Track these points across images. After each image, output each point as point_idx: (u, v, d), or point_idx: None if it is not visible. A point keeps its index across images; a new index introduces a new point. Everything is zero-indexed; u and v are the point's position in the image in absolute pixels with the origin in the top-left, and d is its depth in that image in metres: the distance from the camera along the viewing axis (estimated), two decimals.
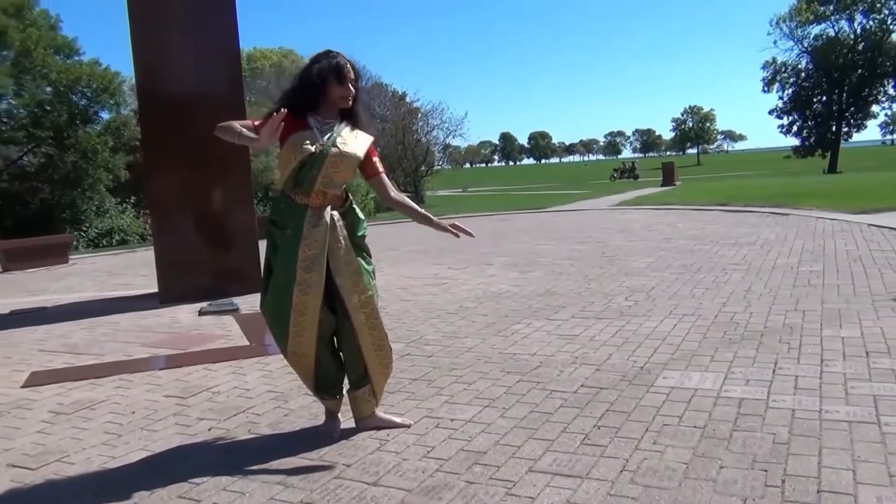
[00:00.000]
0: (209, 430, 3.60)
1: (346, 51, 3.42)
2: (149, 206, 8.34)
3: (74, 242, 20.56)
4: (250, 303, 6.96)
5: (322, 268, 3.15)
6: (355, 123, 3.28)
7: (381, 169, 3.37)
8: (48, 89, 25.19)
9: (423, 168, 59.23)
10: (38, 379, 4.65)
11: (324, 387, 3.41)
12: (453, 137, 67.75)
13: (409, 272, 8.84)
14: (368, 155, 3.29)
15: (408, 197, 3.56)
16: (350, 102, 3.22)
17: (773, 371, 4.01)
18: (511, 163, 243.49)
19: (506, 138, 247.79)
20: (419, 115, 64.59)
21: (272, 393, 4.15)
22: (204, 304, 6.97)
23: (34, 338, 6.01)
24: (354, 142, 3.22)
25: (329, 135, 3.17)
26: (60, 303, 8.04)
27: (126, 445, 3.43)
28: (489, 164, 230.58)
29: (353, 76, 3.21)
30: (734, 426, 3.26)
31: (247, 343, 5.35)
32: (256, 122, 3.08)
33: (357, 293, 3.24)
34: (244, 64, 67.21)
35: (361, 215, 3.40)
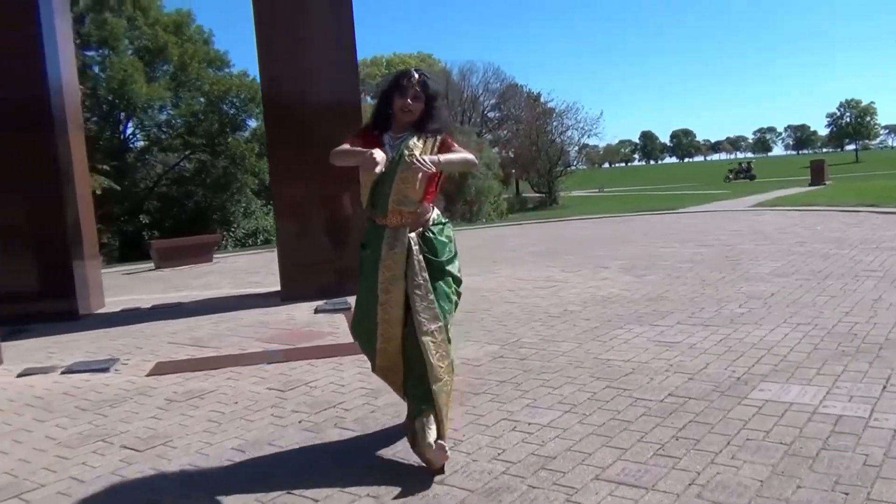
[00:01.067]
0: (300, 422, 3.81)
1: (480, 54, 3.53)
2: (275, 209, 8.79)
3: (224, 242, 22.10)
4: None
5: (401, 289, 3.15)
6: (423, 130, 3.19)
7: (451, 143, 3.26)
8: (202, 100, 27.15)
9: (557, 168, 58.81)
10: (161, 369, 5.08)
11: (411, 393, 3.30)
12: (588, 137, 66.87)
13: (522, 274, 8.85)
14: (446, 148, 3.21)
15: (542, 196, 3.57)
16: (409, 116, 3.17)
17: (884, 388, 3.73)
18: (652, 162, 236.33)
19: (646, 137, 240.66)
20: (553, 116, 64.30)
21: (364, 389, 4.32)
22: (321, 303, 7.32)
23: (167, 330, 6.55)
24: (421, 151, 3.13)
25: (401, 146, 3.14)
26: (196, 298, 8.69)
27: (223, 433, 3.69)
28: (629, 164, 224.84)
29: (415, 86, 3.15)
30: (824, 444, 3.07)
31: (352, 340, 5.57)
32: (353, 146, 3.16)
33: (427, 321, 3.13)
34: (384, 69, 69.65)
35: (446, 237, 3.30)
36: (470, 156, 3.28)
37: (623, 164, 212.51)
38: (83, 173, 8.27)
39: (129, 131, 28.37)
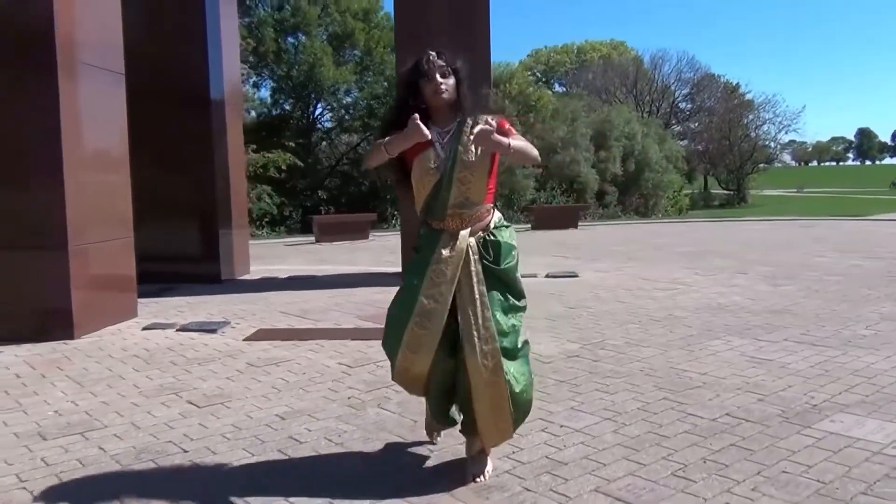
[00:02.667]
0: (348, 398, 3.97)
1: (675, 42, 3.31)
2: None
3: (393, 221, 22.97)
4: None
5: (446, 304, 2.78)
6: (465, 112, 2.83)
7: (507, 128, 2.81)
8: (385, 84, 28.29)
9: (748, 165, 55.24)
10: (259, 335, 5.47)
11: (434, 414, 3.13)
12: (786, 133, 62.10)
13: (650, 274, 8.50)
14: (504, 134, 2.75)
15: (730, 194, 3.33)
16: (445, 95, 2.79)
17: None
18: (868, 162, 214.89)
19: (863, 134, 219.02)
20: (751, 108, 60.29)
21: None
22: None
23: (283, 300, 7.02)
24: (477, 151, 2.78)
25: (450, 148, 2.82)
26: (330, 273, 9.20)
27: (277, 400, 3.93)
28: (840, 163, 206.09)
29: (438, 64, 2.80)
30: (867, 488, 2.74)
31: None
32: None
33: (481, 341, 2.75)
34: (574, 57, 68.44)
35: (509, 239, 2.95)
36: (534, 149, 2.85)
37: (833, 164, 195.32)
38: (237, 150, 9.01)
39: (317, 112, 30.21)
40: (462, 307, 2.79)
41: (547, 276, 8.38)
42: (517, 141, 2.76)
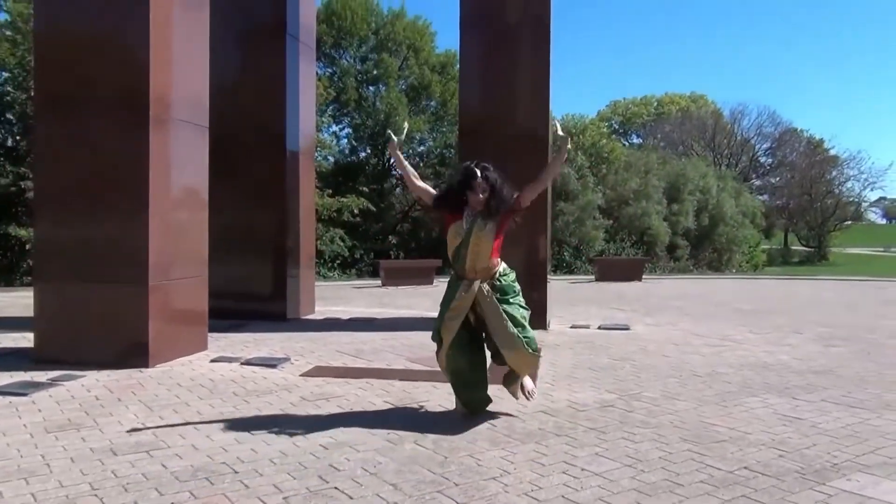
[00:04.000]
0: (388, 433, 4.26)
1: (757, 95, 3.80)
2: None
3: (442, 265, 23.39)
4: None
5: (459, 320, 4.47)
6: (491, 212, 4.42)
7: (519, 199, 4.53)
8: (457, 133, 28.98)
9: (830, 221, 53.62)
10: (314, 371, 5.85)
11: (466, 402, 4.66)
12: (871, 190, 60.01)
13: (702, 330, 8.56)
14: (503, 221, 4.49)
15: (810, 251, 4.11)
16: (479, 207, 4.40)
17: None
18: None
19: None
20: (836, 164, 58.70)
21: (446, 415, 4.67)
22: None
23: (340, 340, 7.42)
24: (486, 227, 4.42)
25: (473, 222, 4.42)
26: (390, 315, 9.59)
27: (324, 432, 4.26)
28: None
29: (482, 187, 4.37)
30: None
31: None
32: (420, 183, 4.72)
33: (500, 330, 4.45)
34: (652, 109, 68.10)
35: (510, 283, 4.56)
36: (555, 167, 4.89)
37: None
38: (308, 196, 9.58)
39: (392, 159, 31.09)
40: (490, 325, 4.47)
41: (599, 327, 8.55)
42: (551, 168, 4.95)
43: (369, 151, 29.83)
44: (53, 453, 3.85)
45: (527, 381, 4.74)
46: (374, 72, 29.44)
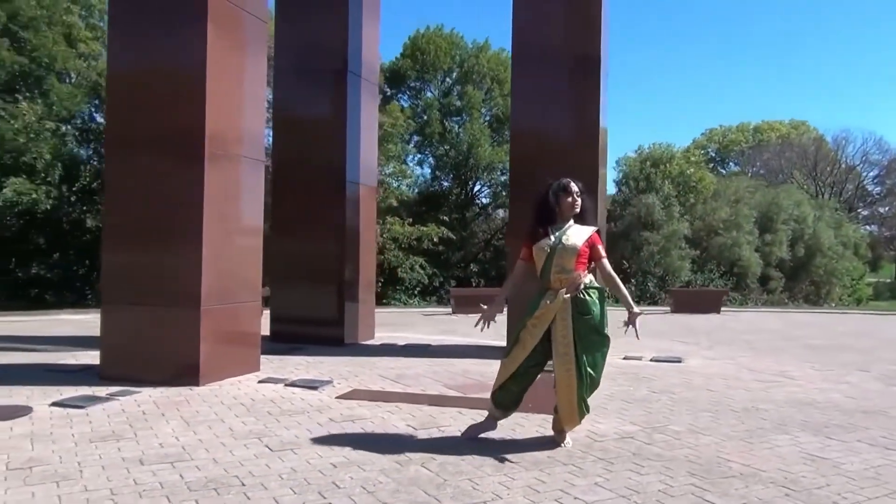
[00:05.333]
0: (398, 455, 4.43)
1: (864, 122, 3.98)
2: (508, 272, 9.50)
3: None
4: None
5: (543, 328, 4.57)
6: (583, 221, 4.67)
7: (602, 255, 4.65)
8: None
9: None
10: (351, 395, 6.09)
11: (499, 400, 4.81)
12: None
13: (759, 365, 8.32)
14: (592, 243, 4.62)
15: None
16: (576, 209, 4.64)
17: None
18: None
19: None
20: None
21: (475, 442, 4.78)
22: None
23: (386, 365, 7.64)
24: (575, 236, 4.59)
25: (559, 233, 4.60)
26: (445, 343, 9.77)
27: (340, 451, 4.47)
28: None
29: (577, 190, 4.66)
30: None
31: None
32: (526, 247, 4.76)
33: (563, 360, 4.54)
34: (750, 137, 66.00)
35: (595, 298, 4.58)
36: (618, 290, 4.68)
37: None
38: (369, 227, 9.93)
39: (476, 188, 31.48)
40: (554, 338, 4.55)
41: (651, 359, 8.45)
42: (621, 290, 4.68)
43: (452, 181, 30.31)
44: (89, 461, 4.21)
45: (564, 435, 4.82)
46: (458, 103, 29.97)
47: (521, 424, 5.24)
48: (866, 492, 3.93)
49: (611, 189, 35.82)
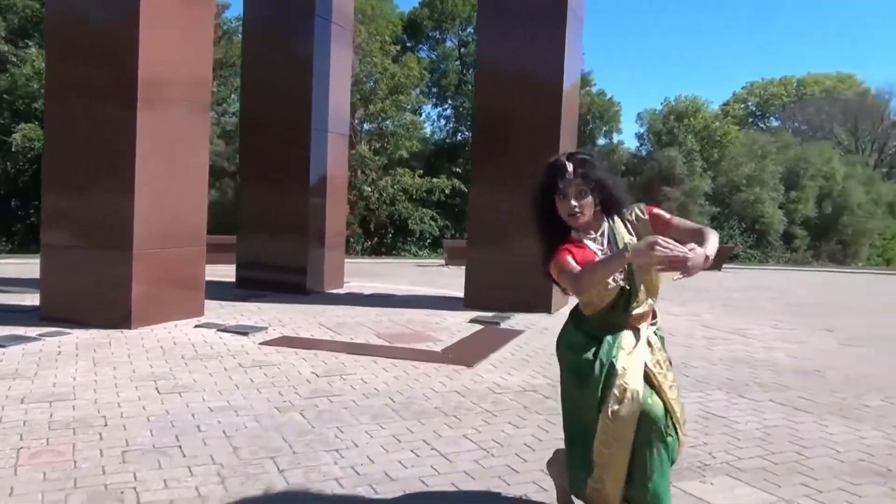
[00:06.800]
0: (279, 392, 4.41)
1: None
2: (468, 219, 9.41)
3: None
4: (526, 322, 7.43)
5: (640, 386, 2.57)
6: (618, 211, 2.64)
7: (665, 215, 2.66)
8: None
9: None
10: (277, 341, 6.08)
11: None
12: None
13: (721, 322, 8.16)
14: (656, 216, 2.65)
15: None
16: (581, 220, 2.55)
17: None
18: None
19: None
20: None
21: (368, 388, 4.74)
22: (489, 315, 7.70)
23: (333, 314, 7.62)
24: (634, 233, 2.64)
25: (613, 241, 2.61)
26: (411, 293, 9.72)
27: (226, 393, 4.48)
28: None
29: (574, 183, 2.52)
30: None
31: (437, 350, 5.97)
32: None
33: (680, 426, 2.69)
34: (793, 90, 63.55)
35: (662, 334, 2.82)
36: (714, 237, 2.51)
37: None
38: (339, 174, 9.83)
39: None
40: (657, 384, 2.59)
41: None
42: (711, 245, 2.42)
43: (468, 133, 29.95)
44: None
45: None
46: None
47: (428, 374, 5.19)
48: (741, 452, 3.82)
49: (633, 143, 35.18)
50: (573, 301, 2.73)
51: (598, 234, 2.62)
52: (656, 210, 2.66)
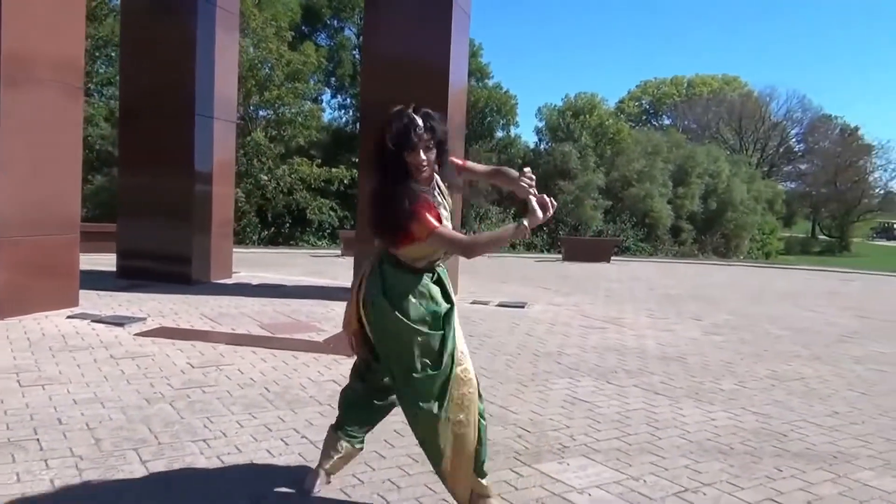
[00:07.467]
0: (154, 391, 4.34)
1: (792, 79, 3.40)
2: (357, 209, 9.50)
3: None
4: None
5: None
6: (443, 178, 2.84)
7: (460, 161, 2.96)
8: None
9: (854, 212, 52.36)
10: (154, 332, 5.95)
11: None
12: None
13: (598, 312, 8.49)
14: (452, 161, 2.88)
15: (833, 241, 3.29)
16: (425, 173, 2.69)
17: None
18: None
19: None
20: (869, 153, 57.11)
21: (240, 378, 4.72)
22: None
23: (216, 304, 7.50)
24: (449, 195, 2.88)
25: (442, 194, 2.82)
26: (304, 283, 9.66)
27: (96, 387, 4.35)
28: None
29: (425, 138, 2.64)
30: None
31: (318, 341, 5.99)
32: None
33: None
34: (683, 90, 66.38)
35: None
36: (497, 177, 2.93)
37: None
38: (225, 164, 9.63)
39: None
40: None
41: (498, 304, 8.51)
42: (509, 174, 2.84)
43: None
44: None
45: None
46: None
47: (307, 364, 5.21)
48: (600, 434, 4.02)
49: (531, 138, 35.99)
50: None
51: (430, 186, 2.75)
52: (452, 157, 2.86)
